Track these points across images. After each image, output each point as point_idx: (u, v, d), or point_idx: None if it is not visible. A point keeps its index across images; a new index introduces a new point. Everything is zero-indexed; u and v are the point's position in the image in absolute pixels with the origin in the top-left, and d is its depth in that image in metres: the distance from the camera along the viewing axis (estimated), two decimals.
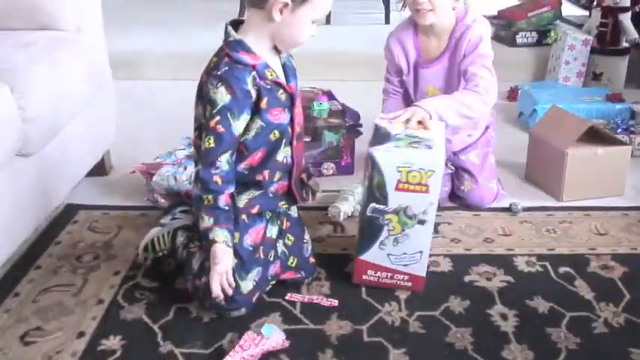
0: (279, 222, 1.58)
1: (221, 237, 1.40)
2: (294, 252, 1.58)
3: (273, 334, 1.37)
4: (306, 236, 1.64)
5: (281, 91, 1.45)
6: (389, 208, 1.48)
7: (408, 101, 2.02)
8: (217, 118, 1.36)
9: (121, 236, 1.81)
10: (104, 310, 1.50)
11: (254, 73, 1.38)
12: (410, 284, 1.56)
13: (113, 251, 1.72)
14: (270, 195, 1.53)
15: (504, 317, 1.49)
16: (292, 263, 1.58)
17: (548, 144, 2.07)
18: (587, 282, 1.62)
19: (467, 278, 1.64)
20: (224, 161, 1.40)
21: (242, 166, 1.47)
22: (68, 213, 1.92)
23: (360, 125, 2.28)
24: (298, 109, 1.52)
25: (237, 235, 1.46)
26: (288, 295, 1.55)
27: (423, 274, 1.56)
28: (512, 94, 2.91)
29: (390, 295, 1.56)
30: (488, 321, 1.48)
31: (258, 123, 1.43)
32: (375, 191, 1.48)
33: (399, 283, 1.56)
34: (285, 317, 1.48)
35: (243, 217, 1.50)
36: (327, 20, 3.76)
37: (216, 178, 1.40)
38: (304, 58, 3.22)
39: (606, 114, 2.51)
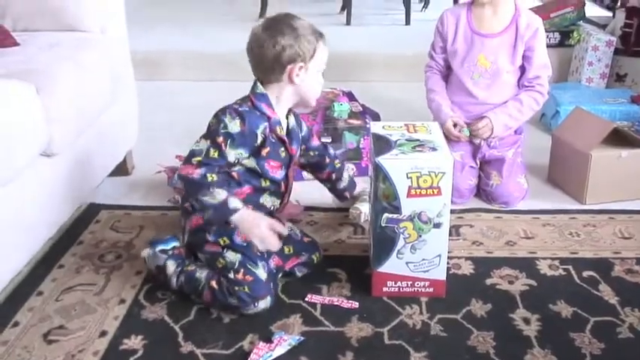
0: None
1: (239, 203, 1.46)
2: (285, 242, 1.60)
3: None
4: (288, 224, 1.68)
5: (283, 148, 1.57)
6: (403, 216, 1.47)
7: (446, 78, 2.14)
8: (221, 138, 1.47)
9: (142, 236, 1.82)
10: (126, 309, 1.51)
11: (267, 124, 1.51)
12: (431, 290, 1.55)
13: (135, 251, 1.73)
14: None
15: (527, 321, 1.48)
16: (289, 251, 1.61)
17: (572, 146, 2.05)
18: (611, 286, 1.60)
19: (489, 281, 1.62)
20: (217, 170, 1.47)
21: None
22: (91, 212, 1.94)
23: None
24: (291, 173, 1.63)
25: (225, 238, 1.52)
26: (309, 296, 1.55)
27: (444, 277, 1.55)
28: None
29: (411, 298, 1.55)
30: (511, 325, 1.47)
31: (253, 164, 1.53)
32: (382, 201, 1.47)
33: (420, 290, 1.55)
34: (306, 319, 1.48)
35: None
36: (348, 21, 3.77)
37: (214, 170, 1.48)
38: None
39: (630, 116, 2.48)
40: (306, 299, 1.55)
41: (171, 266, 1.55)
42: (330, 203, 1.95)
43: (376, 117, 2.34)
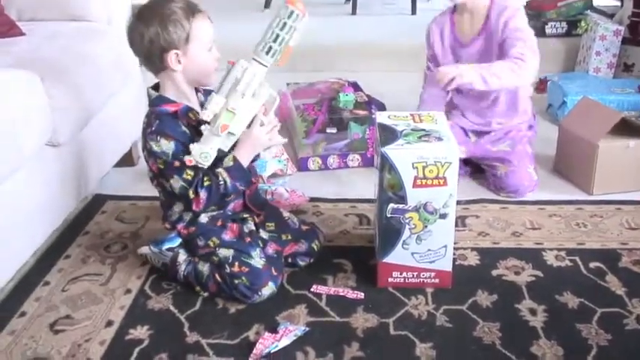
0: (250, 219, 1.63)
1: (229, 156, 1.48)
2: (281, 230, 1.62)
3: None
4: (285, 214, 1.69)
5: (204, 126, 1.49)
6: (409, 207, 1.47)
7: (445, 91, 2.06)
8: (176, 162, 1.46)
9: (148, 226, 1.82)
10: (132, 299, 1.52)
11: (178, 120, 1.49)
12: (437, 281, 1.54)
13: (141, 241, 1.73)
14: (229, 212, 1.59)
15: (533, 312, 1.47)
16: (287, 237, 1.62)
17: (579, 136, 2.04)
18: (618, 277, 1.59)
19: (495, 272, 1.62)
20: (202, 177, 1.48)
21: None
22: (96, 203, 1.94)
23: None
24: None
25: (214, 239, 1.53)
26: (314, 287, 1.55)
27: (450, 268, 1.54)
28: (541, 86, 2.86)
29: (417, 289, 1.54)
30: (517, 316, 1.46)
31: None
32: (388, 191, 1.47)
33: (425, 281, 1.55)
34: (311, 309, 1.48)
35: (213, 224, 1.55)
36: (353, 11, 3.75)
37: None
38: (330, 49, 3.25)
39: (638, 105, 2.47)
40: (312, 290, 1.54)
41: (182, 255, 1.56)
42: (336, 194, 1.95)
43: (382, 107, 2.34)
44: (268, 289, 1.48)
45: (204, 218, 1.55)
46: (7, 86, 1.47)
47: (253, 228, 1.62)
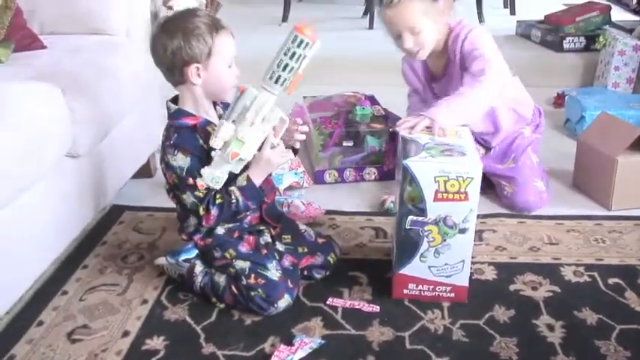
0: (266, 232, 1.63)
1: (243, 176, 1.48)
2: (298, 243, 1.63)
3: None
4: (302, 226, 1.69)
5: (215, 152, 1.51)
6: (428, 219, 1.46)
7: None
8: (190, 179, 1.47)
9: (165, 237, 1.83)
10: (148, 310, 1.52)
11: (197, 134, 1.50)
12: (452, 295, 1.54)
13: (158, 252, 1.73)
14: (246, 225, 1.60)
15: (551, 328, 1.46)
16: (303, 250, 1.62)
17: (598, 151, 2.02)
18: (637, 294, 1.57)
19: (512, 287, 1.60)
20: (214, 195, 1.49)
21: None
22: (114, 214, 1.96)
23: None
24: None
25: (231, 251, 1.54)
26: (330, 299, 1.55)
27: (466, 283, 1.53)
28: (559, 100, 2.85)
29: (433, 303, 1.54)
30: (534, 331, 1.45)
31: None
32: (408, 204, 1.47)
33: (441, 295, 1.54)
34: (327, 322, 1.48)
35: (230, 236, 1.56)
36: (371, 25, 3.76)
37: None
38: (347, 62, 3.25)
39: None
40: (327, 302, 1.54)
41: (199, 266, 1.57)
42: (352, 207, 1.95)
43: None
44: (284, 302, 1.48)
45: (220, 230, 1.56)
46: (29, 98, 1.50)
47: (270, 240, 1.62)
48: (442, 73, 1.96)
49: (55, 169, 1.57)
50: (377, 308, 1.52)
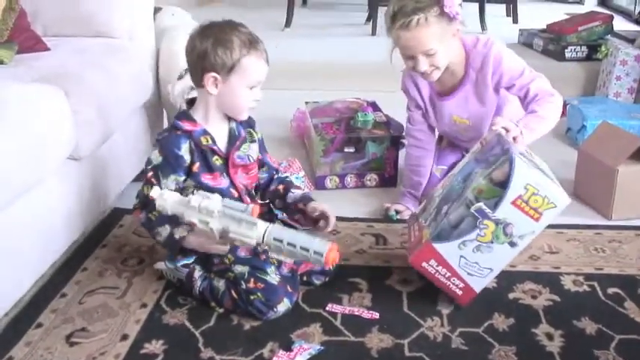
0: None
1: (183, 231, 1.47)
2: None
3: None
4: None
5: (216, 157, 1.55)
6: (493, 216, 1.44)
7: (432, 130, 2.05)
8: (151, 173, 1.52)
9: None
10: (147, 313, 1.52)
11: (189, 140, 1.51)
12: (460, 293, 1.52)
13: (157, 256, 1.73)
14: None
15: (550, 337, 1.45)
16: None
17: (598, 161, 2.02)
18: (637, 304, 1.57)
19: (511, 295, 1.60)
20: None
21: None
22: (114, 217, 1.96)
23: (404, 137, 2.26)
24: (239, 174, 1.59)
25: (229, 256, 1.53)
26: (329, 305, 1.55)
27: (478, 290, 1.52)
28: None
29: (433, 310, 1.54)
30: (533, 340, 1.45)
31: (191, 184, 1.54)
32: (470, 193, 1.45)
33: (450, 286, 1.51)
34: (326, 328, 1.48)
35: None
36: (373, 32, 3.77)
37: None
38: (349, 69, 3.26)
39: None
40: (327, 309, 1.54)
41: (198, 271, 1.56)
42: (353, 213, 1.95)
43: (400, 128, 2.34)
44: (283, 306, 1.48)
45: None
46: (32, 100, 1.50)
47: None
48: (451, 90, 1.93)
49: (57, 172, 1.57)
50: (376, 315, 1.52)
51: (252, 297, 1.47)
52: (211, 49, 1.45)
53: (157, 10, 2.25)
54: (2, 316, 1.47)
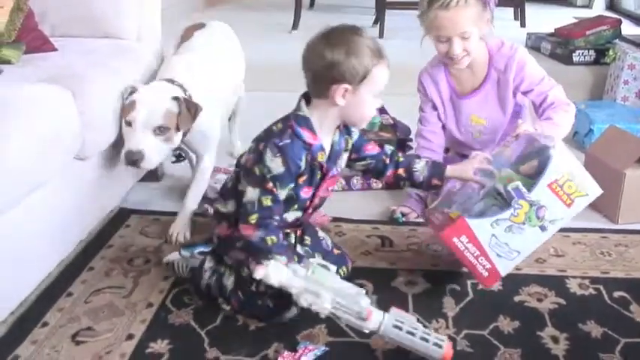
0: (292, 234, 1.60)
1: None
2: (315, 249, 1.61)
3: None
4: (321, 233, 1.68)
5: (320, 172, 1.50)
6: (528, 196, 1.48)
7: (445, 131, 2.05)
8: (270, 184, 1.42)
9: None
10: (153, 313, 1.53)
11: (307, 152, 1.45)
12: (485, 275, 1.53)
13: (163, 256, 1.74)
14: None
15: (555, 340, 1.45)
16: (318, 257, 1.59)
17: (605, 164, 2.02)
18: None
19: (517, 298, 1.60)
20: (274, 222, 1.45)
21: None
22: (121, 217, 1.96)
23: (411, 140, 2.27)
24: (324, 187, 1.55)
25: None
26: None
27: (504, 273, 1.54)
28: None
29: (438, 312, 1.54)
30: (539, 343, 1.44)
31: (292, 193, 1.48)
32: (498, 183, 1.50)
33: (477, 266, 1.52)
34: (331, 329, 1.47)
35: None
36: (381, 34, 3.77)
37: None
38: None
39: None
40: None
41: (209, 262, 1.56)
42: (359, 215, 1.96)
43: (407, 130, 2.34)
44: (290, 313, 1.48)
45: None
46: (39, 101, 1.51)
47: (293, 242, 1.59)
48: (473, 89, 1.95)
49: (64, 172, 1.58)
50: None
51: (259, 301, 1.47)
52: (344, 58, 1.38)
53: (199, 26, 2.15)
54: (8, 314, 1.48)
